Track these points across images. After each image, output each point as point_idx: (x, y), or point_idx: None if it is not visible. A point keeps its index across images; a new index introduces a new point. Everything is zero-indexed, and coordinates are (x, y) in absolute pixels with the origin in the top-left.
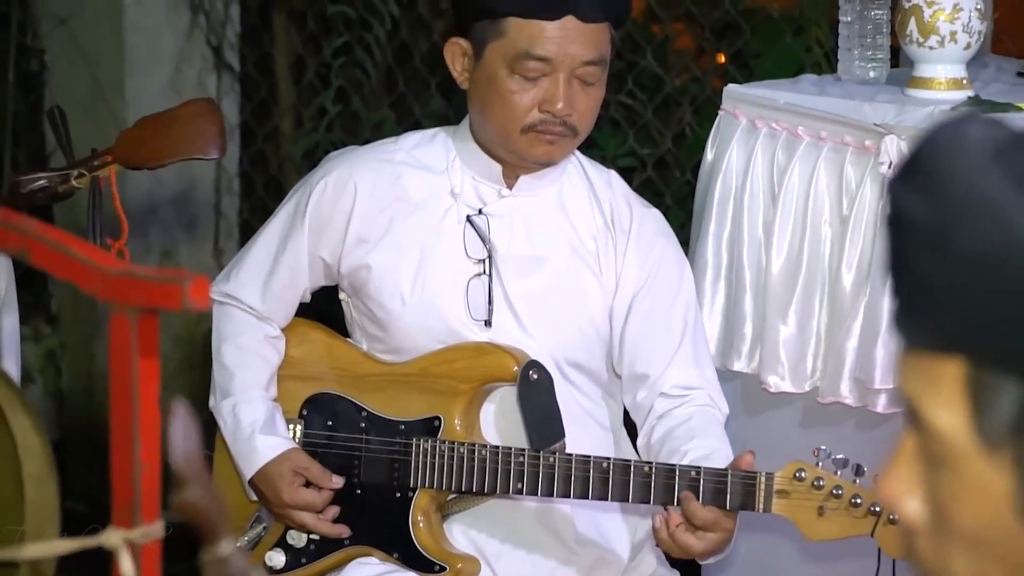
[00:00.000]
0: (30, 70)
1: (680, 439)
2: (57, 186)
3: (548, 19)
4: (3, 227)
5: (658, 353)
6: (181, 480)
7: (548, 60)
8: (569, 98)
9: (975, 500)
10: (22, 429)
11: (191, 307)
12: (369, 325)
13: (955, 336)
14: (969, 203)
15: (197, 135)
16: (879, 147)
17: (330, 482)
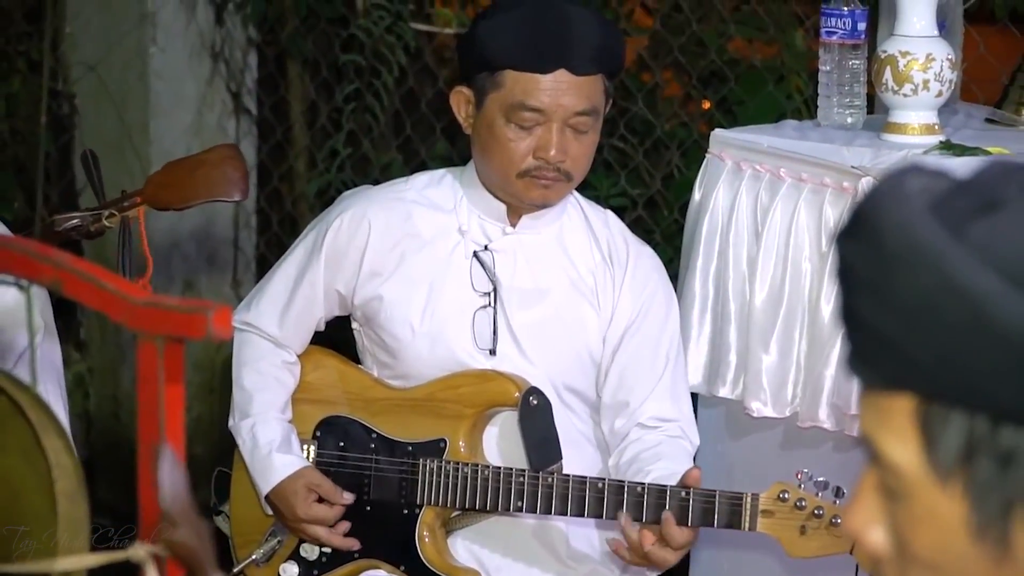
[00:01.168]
0: (61, 113)
1: (646, 460)
2: (90, 225)
3: (542, 72)
4: (39, 260)
5: (640, 384)
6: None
7: (541, 111)
8: (561, 146)
9: (931, 528)
10: (55, 449)
11: (214, 335)
12: (380, 353)
13: (901, 375)
14: (905, 252)
15: (222, 179)
16: (856, 188)
17: (341, 498)
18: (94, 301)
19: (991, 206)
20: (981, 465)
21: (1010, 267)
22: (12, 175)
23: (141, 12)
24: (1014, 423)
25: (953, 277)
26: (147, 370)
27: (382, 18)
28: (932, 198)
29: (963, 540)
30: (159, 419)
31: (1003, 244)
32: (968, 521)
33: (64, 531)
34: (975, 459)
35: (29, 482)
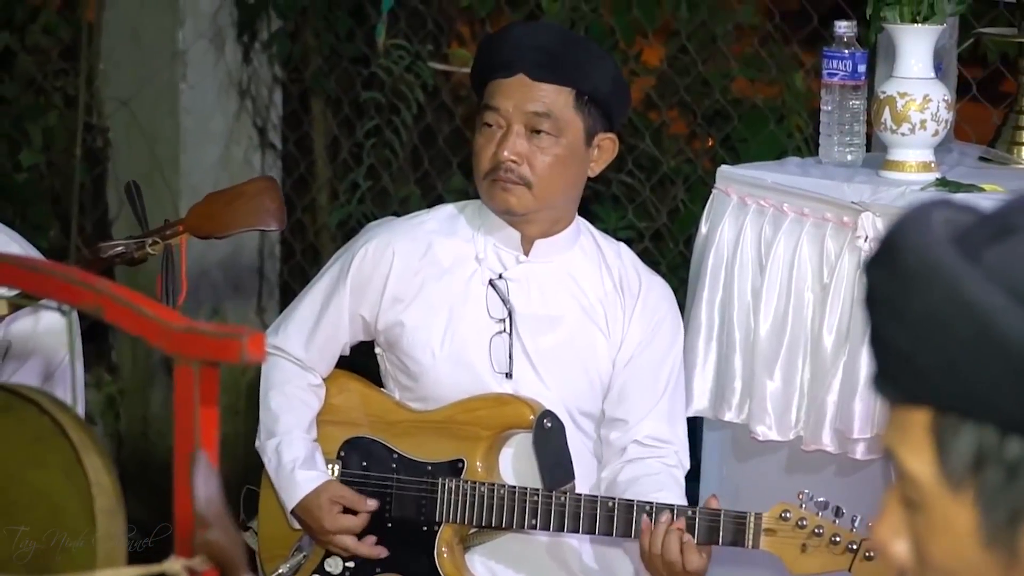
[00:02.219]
0: (95, 146)
1: (648, 487)
2: (134, 252)
3: (504, 77)
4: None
5: (640, 404)
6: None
7: (498, 109)
8: (514, 147)
9: (945, 537)
10: (94, 468)
11: (248, 360)
12: (401, 376)
13: (917, 389)
14: (921, 270)
15: (260, 209)
16: (856, 223)
17: (365, 505)
18: (133, 326)
19: (1005, 232)
20: (989, 475)
21: (1018, 286)
22: (48, 205)
23: (172, 50)
24: (1020, 434)
25: (962, 293)
26: (183, 393)
27: (402, 58)
28: (954, 228)
29: (974, 548)
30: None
31: (1012, 265)
32: (978, 529)
33: (103, 545)
34: (984, 469)
35: (70, 499)
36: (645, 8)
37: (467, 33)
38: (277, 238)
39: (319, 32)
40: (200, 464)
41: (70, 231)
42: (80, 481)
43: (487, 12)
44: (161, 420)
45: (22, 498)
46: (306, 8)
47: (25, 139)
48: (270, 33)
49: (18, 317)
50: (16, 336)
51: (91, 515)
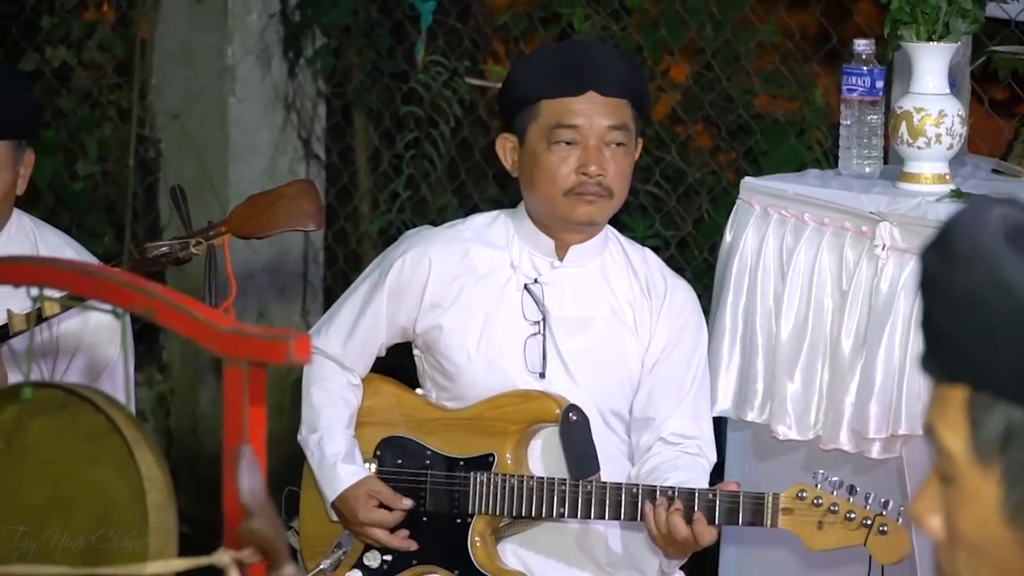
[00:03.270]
0: (148, 157)
1: (664, 470)
2: (178, 252)
3: (573, 95)
4: (134, 290)
5: (666, 403)
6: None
7: (577, 127)
8: (600, 162)
9: (973, 510)
10: (146, 463)
11: (295, 361)
12: (439, 377)
13: (957, 367)
14: (967, 254)
15: (299, 210)
16: (874, 232)
17: (400, 503)
18: (184, 328)
19: None
20: (1015, 453)
21: None
22: (102, 213)
23: (221, 66)
24: None
25: (1001, 275)
26: (232, 393)
27: (440, 73)
28: (1010, 223)
29: (997, 523)
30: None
31: None
32: (1002, 505)
33: (154, 538)
34: (1011, 446)
35: (123, 493)
36: (672, 27)
37: (502, 51)
38: (321, 245)
39: (361, 49)
40: (244, 457)
41: (123, 237)
42: (133, 476)
43: (521, 30)
44: (210, 417)
45: (77, 493)
46: (349, 26)
47: (81, 150)
48: (314, 50)
49: (68, 316)
50: (66, 335)
51: (143, 509)
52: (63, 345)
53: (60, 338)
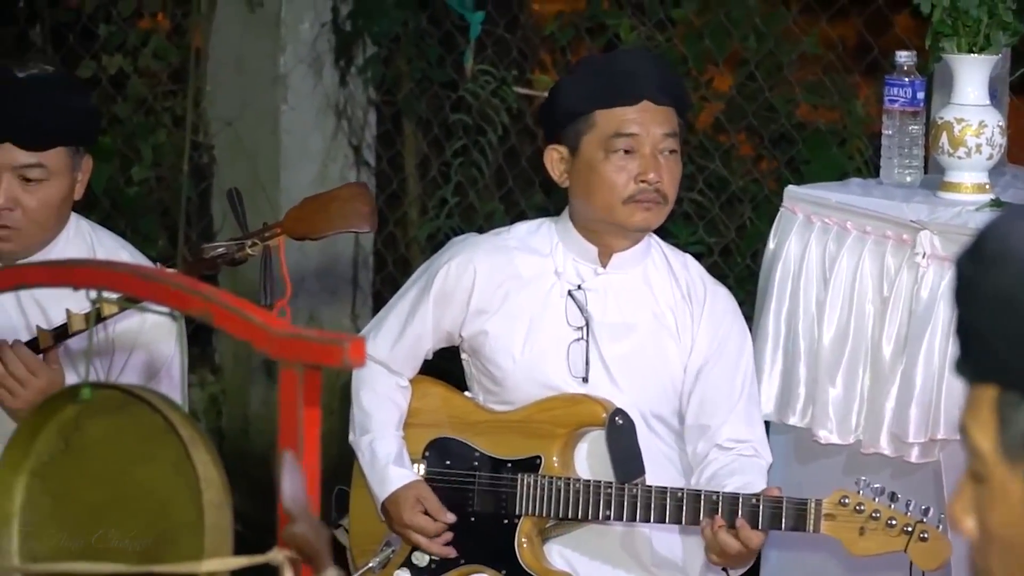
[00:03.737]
0: (201, 163)
1: (722, 476)
2: (235, 253)
3: (629, 104)
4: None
5: (719, 410)
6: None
7: (635, 136)
8: (657, 168)
9: (1002, 508)
10: (203, 463)
11: (349, 364)
12: (485, 380)
13: (987, 367)
14: (998, 255)
15: (352, 212)
16: (915, 240)
17: (444, 516)
18: (240, 331)
19: None
20: None
21: None
22: (157, 217)
23: (273, 74)
24: None
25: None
26: (287, 394)
27: (488, 82)
28: None
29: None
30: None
31: None
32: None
33: (211, 537)
34: None
35: (179, 492)
36: (716, 38)
37: (548, 60)
38: (370, 250)
39: (411, 58)
40: (287, 463)
41: (177, 241)
42: (189, 476)
43: (568, 40)
44: (261, 418)
45: (134, 492)
46: (399, 35)
47: (136, 156)
48: (365, 59)
49: (124, 317)
50: (122, 334)
51: (199, 508)
52: (119, 344)
53: (116, 338)
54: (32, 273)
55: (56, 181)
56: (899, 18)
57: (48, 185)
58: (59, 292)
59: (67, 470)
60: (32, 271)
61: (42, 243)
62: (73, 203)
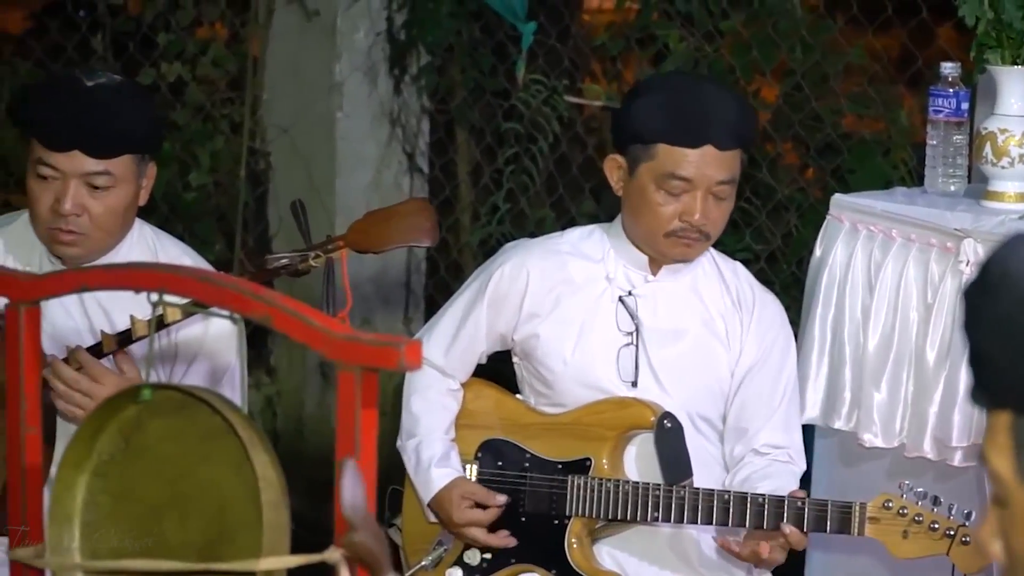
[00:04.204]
0: (258, 169)
1: (755, 479)
2: (298, 264)
3: (691, 147)
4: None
5: (758, 415)
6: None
7: (689, 180)
8: (705, 211)
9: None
10: (262, 464)
11: (406, 367)
12: (536, 383)
13: (1000, 393)
14: (1002, 281)
15: (414, 227)
16: (959, 248)
17: (494, 500)
18: (300, 334)
19: None
20: None
21: None
22: (214, 222)
23: (329, 82)
24: None
25: None
26: (345, 396)
27: (539, 91)
28: None
29: None
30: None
31: None
32: None
33: (268, 535)
34: None
35: (238, 492)
36: (764, 49)
37: (599, 70)
38: (423, 255)
39: (464, 67)
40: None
41: (234, 246)
42: (248, 476)
43: (618, 51)
44: (315, 419)
45: (195, 491)
46: (452, 45)
47: (194, 161)
48: (419, 67)
49: (188, 323)
50: (185, 342)
51: (258, 507)
52: (182, 352)
53: (179, 345)
54: (94, 276)
55: (122, 188)
56: (942, 30)
57: (114, 192)
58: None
59: (128, 469)
60: (94, 274)
61: (106, 248)
62: (137, 209)
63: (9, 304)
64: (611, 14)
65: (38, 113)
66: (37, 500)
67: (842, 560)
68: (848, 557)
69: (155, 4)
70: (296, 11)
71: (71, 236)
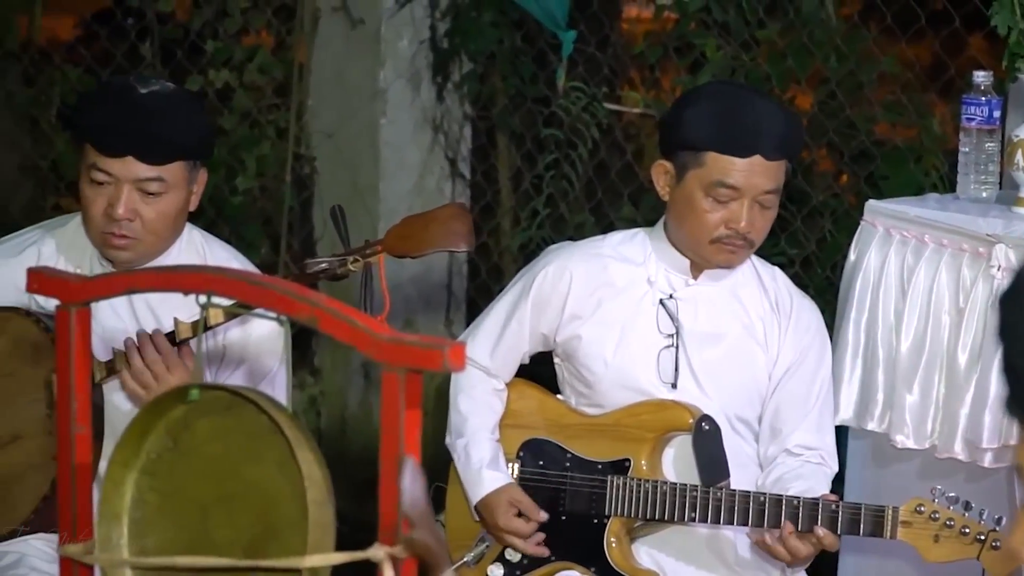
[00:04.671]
0: (303, 174)
1: (787, 480)
2: (336, 268)
3: (740, 156)
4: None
5: (793, 416)
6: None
7: (737, 188)
8: (750, 219)
9: None
10: (307, 462)
11: (449, 368)
12: (577, 384)
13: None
14: None
15: (451, 232)
16: (990, 253)
17: (538, 515)
18: (345, 336)
19: None
20: None
21: None
22: (259, 225)
23: (373, 89)
24: None
25: None
26: (390, 397)
27: (579, 98)
28: None
29: None
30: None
31: None
32: None
33: (313, 533)
34: None
35: (284, 490)
36: (799, 58)
37: (637, 78)
38: (465, 258)
39: (505, 75)
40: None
41: (279, 249)
42: (294, 474)
43: (656, 59)
44: (357, 419)
45: (240, 489)
46: (494, 53)
47: (241, 166)
48: (461, 75)
49: (230, 327)
50: (230, 344)
51: (303, 505)
52: (227, 355)
53: (224, 348)
54: (143, 278)
55: (173, 194)
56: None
57: (166, 198)
58: (172, 300)
59: (175, 468)
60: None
61: (157, 252)
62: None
63: (60, 306)
64: (649, 23)
65: (93, 119)
66: (86, 497)
67: (874, 563)
68: (880, 560)
69: (203, 12)
70: (341, 19)
71: (123, 240)
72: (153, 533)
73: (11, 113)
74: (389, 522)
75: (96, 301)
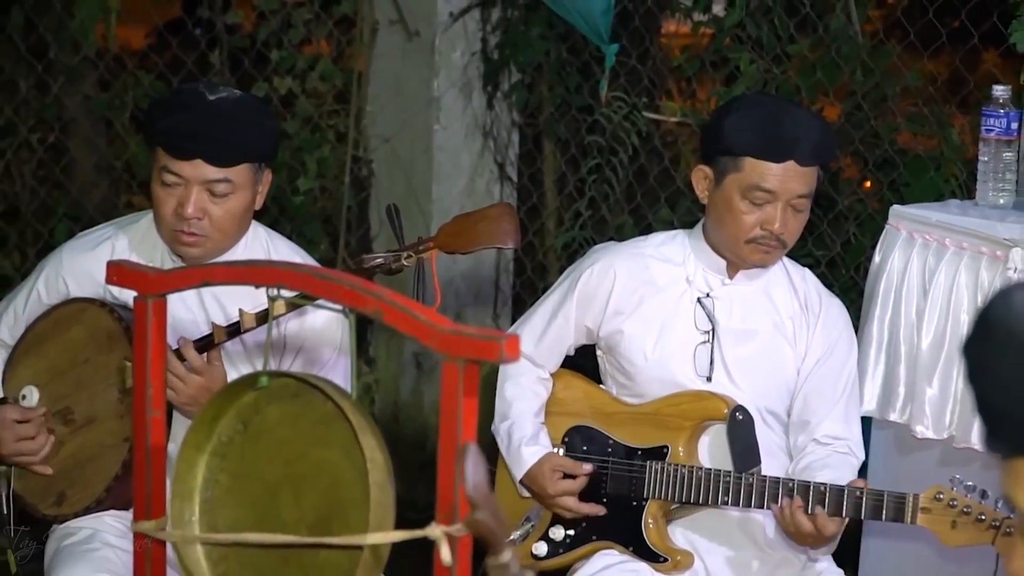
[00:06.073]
0: (361, 175)
1: (815, 468)
2: (391, 263)
3: (776, 162)
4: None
5: (821, 408)
6: (472, 504)
7: (772, 192)
8: (784, 221)
9: None
10: (370, 447)
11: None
12: (618, 375)
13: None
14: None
15: (499, 230)
16: (1007, 256)
17: (582, 469)
18: (408, 328)
19: None
20: None
21: None
22: (319, 224)
23: (428, 97)
24: None
25: None
26: (449, 386)
27: (621, 107)
28: None
29: None
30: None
31: None
32: None
33: (375, 513)
34: None
35: (347, 473)
36: (827, 72)
37: (675, 89)
38: (512, 256)
39: (552, 85)
40: (470, 453)
41: (338, 246)
42: (357, 458)
43: (693, 71)
44: (410, 406)
45: (308, 471)
46: (542, 64)
47: (302, 168)
48: (510, 84)
49: (290, 318)
50: (290, 334)
51: (366, 487)
52: (289, 344)
53: (286, 337)
54: (217, 272)
55: (240, 194)
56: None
57: (233, 198)
58: (237, 291)
59: (246, 450)
60: (217, 270)
61: (224, 249)
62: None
63: (138, 297)
64: (687, 38)
65: (164, 124)
66: (160, 477)
67: (895, 546)
68: (901, 544)
69: (269, 23)
70: (398, 31)
71: (192, 238)
72: (223, 511)
73: (88, 116)
74: (447, 503)
75: (172, 293)
